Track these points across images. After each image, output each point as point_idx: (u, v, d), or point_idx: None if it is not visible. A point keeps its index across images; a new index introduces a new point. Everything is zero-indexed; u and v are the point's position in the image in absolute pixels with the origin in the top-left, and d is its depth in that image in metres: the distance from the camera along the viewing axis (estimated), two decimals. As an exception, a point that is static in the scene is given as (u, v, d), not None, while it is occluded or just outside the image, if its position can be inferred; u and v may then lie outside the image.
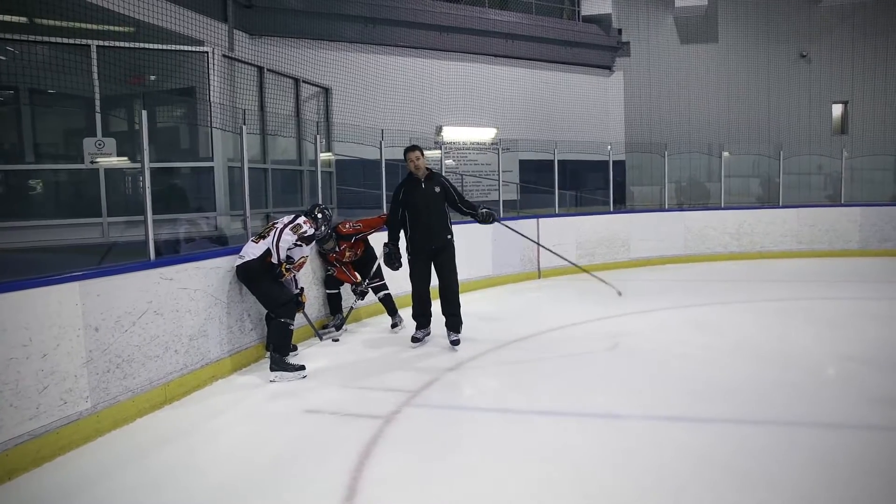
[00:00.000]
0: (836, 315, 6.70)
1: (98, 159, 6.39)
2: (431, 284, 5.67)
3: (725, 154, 11.36)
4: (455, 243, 5.63)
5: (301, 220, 4.94)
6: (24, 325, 3.23)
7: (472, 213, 5.59)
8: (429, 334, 5.80)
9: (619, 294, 6.29)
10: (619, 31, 14.05)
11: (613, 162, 10.90)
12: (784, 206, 11.27)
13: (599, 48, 13.87)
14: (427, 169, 5.58)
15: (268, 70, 7.56)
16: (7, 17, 6.82)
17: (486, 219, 5.60)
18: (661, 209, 10.99)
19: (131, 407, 3.89)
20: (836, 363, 4.97)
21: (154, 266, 4.18)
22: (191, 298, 4.44)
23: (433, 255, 5.55)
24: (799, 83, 14.11)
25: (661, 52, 14.50)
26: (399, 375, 4.82)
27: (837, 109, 14.07)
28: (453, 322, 5.60)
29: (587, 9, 13.58)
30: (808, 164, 12.47)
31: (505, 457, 3.35)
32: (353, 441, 3.52)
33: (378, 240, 6.06)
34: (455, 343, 5.53)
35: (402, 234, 5.66)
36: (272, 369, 4.70)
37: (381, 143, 7.17)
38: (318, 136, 6.57)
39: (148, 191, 4.28)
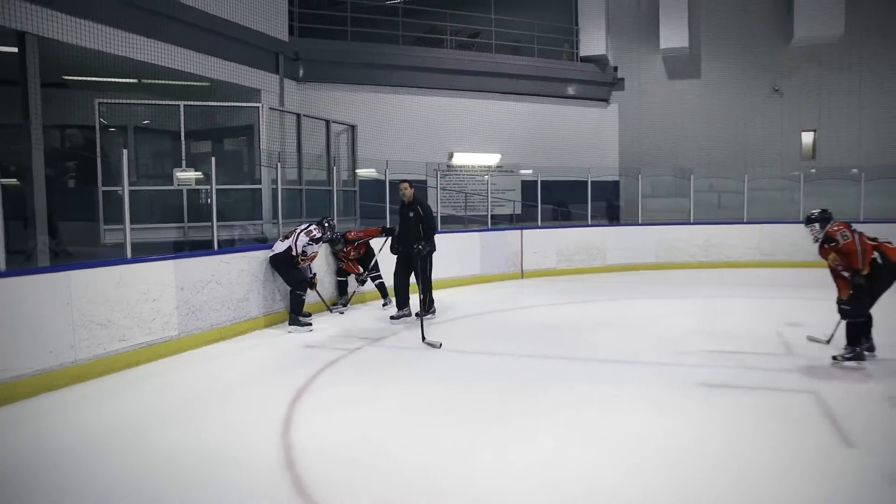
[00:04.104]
0: (721, 308, 8.49)
1: (182, 182, 9.04)
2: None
3: (694, 177, 13.13)
4: (437, 247, 7.70)
5: (313, 227, 7.35)
6: (144, 281, 5.72)
7: (418, 240, 7.36)
8: (407, 315, 7.95)
9: (440, 346, 6.35)
10: (615, 68, 16.01)
11: (610, 182, 12.91)
12: (749, 222, 12.95)
13: (597, 84, 15.86)
14: (413, 196, 7.79)
15: (304, 115, 10.07)
16: (123, 80, 9.65)
17: (418, 251, 7.19)
18: (634, 223, 12.89)
19: (200, 338, 6.35)
20: (697, 336, 6.68)
21: (217, 254, 6.68)
22: (239, 275, 6.89)
23: (407, 256, 7.78)
24: (772, 114, 15.74)
25: (651, 86, 16.42)
26: (375, 330, 7.15)
27: (808, 137, 15.58)
28: (423, 302, 7.76)
29: (585, 50, 15.58)
30: (779, 184, 14.06)
31: (439, 373, 5.50)
32: (325, 360, 5.84)
33: (375, 242, 8.46)
34: (416, 315, 7.58)
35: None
36: (289, 324, 7.12)
37: (385, 171, 9.54)
38: (335, 168, 8.99)
39: (214, 205, 6.78)
